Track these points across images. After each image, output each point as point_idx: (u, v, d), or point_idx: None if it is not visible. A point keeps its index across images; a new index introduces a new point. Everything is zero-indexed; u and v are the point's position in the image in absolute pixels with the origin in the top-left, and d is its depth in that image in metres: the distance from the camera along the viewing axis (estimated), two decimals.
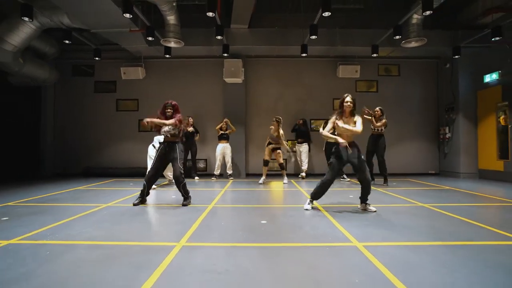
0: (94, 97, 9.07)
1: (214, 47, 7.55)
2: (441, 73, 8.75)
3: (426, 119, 8.97)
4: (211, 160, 8.64)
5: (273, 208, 4.20)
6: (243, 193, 5.59)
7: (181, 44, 6.24)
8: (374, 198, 4.92)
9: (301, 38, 7.29)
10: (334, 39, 7.59)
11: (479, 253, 2.39)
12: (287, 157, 8.21)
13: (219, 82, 8.61)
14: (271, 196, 5.36)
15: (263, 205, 4.40)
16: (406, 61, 8.95)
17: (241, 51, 8.03)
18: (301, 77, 8.95)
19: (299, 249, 2.53)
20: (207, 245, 2.63)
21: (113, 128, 8.99)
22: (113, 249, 2.51)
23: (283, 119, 8.83)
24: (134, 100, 9.07)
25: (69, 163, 8.92)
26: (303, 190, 5.82)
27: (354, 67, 8.39)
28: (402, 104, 8.92)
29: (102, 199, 4.83)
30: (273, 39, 7.59)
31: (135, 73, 8.43)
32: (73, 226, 3.22)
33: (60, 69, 8.95)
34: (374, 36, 7.40)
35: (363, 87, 9.04)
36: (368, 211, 3.89)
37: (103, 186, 6.38)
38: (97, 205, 4.30)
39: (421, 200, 4.65)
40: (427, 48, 7.56)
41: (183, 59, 8.78)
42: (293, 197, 5.26)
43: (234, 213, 3.89)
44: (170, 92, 8.90)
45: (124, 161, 8.70)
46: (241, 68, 7.86)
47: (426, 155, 8.95)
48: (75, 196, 5.16)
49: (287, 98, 8.93)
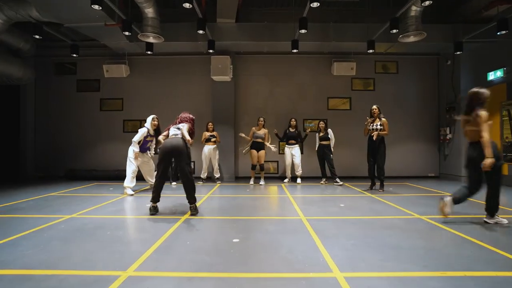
0: (77, 96, 8.64)
1: (199, 43, 7.11)
2: (442, 70, 8.28)
3: (426, 119, 8.51)
4: (198, 163, 8.21)
5: (253, 221, 3.76)
6: (226, 201, 5.16)
7: (160, 40, 5.79)
8: (365, 206, 4.49)
9: (292, 33, 6.83)
10: (328, 34, 7.13)
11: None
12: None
13: (206, 81, 8.16)
14: (256, 204, 4.93)
15: (243, 217, 3.97)
16: (404, 58, 8.48)
17: (229, 47, 7.58)
18: (293, 75, 8.49)
19: (266, 283, 2.09)
20: (158, 275, 2.19)
21: (97, 128, 8.57)
22: (43, 282, 2.09)
23: (273, 119, 8.42)
24: (118, 100, 8.63)
25: (51, 165, 8.51)
26: (291, 197, 5.38)
27: (349, 64, 7.93)
28: (400, 103, 8.47)
29: (70, 208, 4.41)
30: (262, 34, 7.14)
31: (118, 71, 7.99)
32: (17, 246, 2.79)
33: (40, 67, 8.53)
34: (370, 31, 6.94)
35: (359, 85, 8.58)
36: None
37: (80, 192, 5.96)
38: (59, 217, 3.88)
39: (419, 211, 4.20)
40: (427, 44, 7.09)
41: (168, 56, 8.35)
42: (279, 206, 4.82)
43: (207, 227, 3.46)
44: (155, 91, 8.47)
45: (108, 163, 8.27)
46: (230, 65, 7.41)
47: (426, 157, 8.49)
48: (43, 204, 4.74)
49: (277, 97, 8.48)
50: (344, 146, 8.08)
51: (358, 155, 8.26)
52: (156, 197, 3.99)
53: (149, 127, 5.67)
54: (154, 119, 5.77)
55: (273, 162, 8.49)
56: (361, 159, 8.25)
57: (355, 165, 8.22)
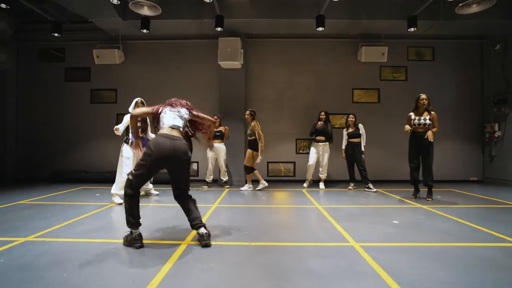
0: (65, 87, 7.56)
1: (205, 21, 5.97)
2: (487, 56, 7.08)
3: (467, 115, 7.29)
4: (202, 163, 7.08)
5: (284, 251, 2.62)
6: (239, 213, 4.01)
7: (157, 11, 4.65)
8: (427, 224, 3.28)
9: (315, 10, 5.68)
10: (358, 11, 5.97)
11: None
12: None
13: (212, 69, 7.04)
14: (280, 220, 3.78)
15: (268, 242, 2.82)
16: (441, 43, 7.28)
17: (239, 28, 6.44)
18: (313, 63, 7.32)
19: None
20: None
21: (88, 123, 7.47)
22: None
23: (290, 113, 7.28)
24: (111, 91, 7.53)
25: (36, 165, 7.43)
26: (321, 208, 4.23)
27: (380, 48, 6.76)
28: (436, 95, 7.18)
29: (30, 225, 3.28)
30: (280, 10, 5.97)
31: (111, 57, 6.90)
32: None
33: (23, 54, 7.46)
34: (408, 7, 5.77)
35: (389, 74, 7.40)
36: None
37: (58, 199, 4.85)
38: (9, 240, 2.77)
39: (507, 232, 3.04)
40: (478, 23, 5.92)
41: (168, 41, 7.24)
42: (313, 223, 3.64)
43: (221, 263, 2.32)
44: (153, 81, 7.35)
45: (99, 163, 7.17)
46: (240, 49, 6.29)
47: (466, 159, 7.28)
48: (4, 217, 3.64)
49: (295, 87, 7.32)
50: (373, 145, 6.86)
51: (387, 155, 7.12)
52: (137, 219, 2.61)
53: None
54: (138, 103, 4.46)
55: (289, 164, 7.34)
56: (391, 160, 7.11)
57: (384, 167, 7.06)
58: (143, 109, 2.93)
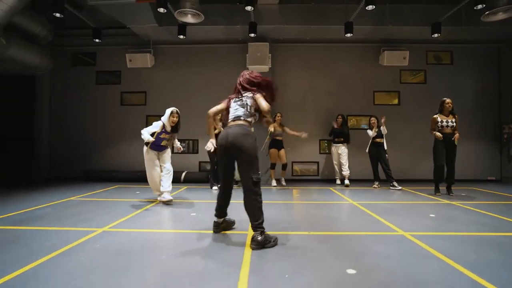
0: (96, 90, 7.89)
1: (236, 27, 6.28)
2: (505, 59, 7.32)
3: (485, 116, 7.54)
4: None
5: (347, 239, 2.87)
6: (282, 210, 4.24)
7: (200, 18, 4.97)
8: (461, 217, 3.54)
9: (343, 16, 5.97)
10: (383, 17, 6.25)
11: None
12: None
13: (240, 72, 7.24)
14: (326, 214, 4.03)
15: (331, 232, 3.09)
16: (460, 47, 7.54)
17: (268, 34, 6.74)
18: (336, 67, 7.60)
19: None
20: None
21: (118, 125, 7.79)
22: None
23: (312, 116, 7.59)
24: (141, 93, 7.85)
25: (68, 165, 7.76)
26: (357, 204, 4.49)
27: (401, 53, 7.04)
28: (455, 98, 7.38)
29: (100, 217, 3.58)
30: (309, 17, 6.27)
31: (143, 61, 7.22)
32: (40, 281, 1.97)
33: (57, 59, 7.79)
34: (432, 13, 6.05)
35: (409, 77, 7.67)
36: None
37: (104, 196, 5.15)
38: (92, 230, 3.06)
39: None
40: (497, 28, 6.17)
41: (197, 45, 7.54)
42: (356, 217, 3.88)
43: (286, 247, 2.60)
44: (181, 84, 7.67)
45: (130, 163, 7.48)
46: (268, 53, 6.59)
47: (485, 158, 7.52)
48: (64, 212, 3.94)
49: (317, 91, 7.60)
50: (394, 146, 7.11)
51: (407, 155, 7.38)
52: (219, 210, 2.92)
53: (165, 122, 4.38)
54: (173, 114, 4.33)
55: (313, 164, 7.61)
56: (412, 160, 7.37)
57: (405, 167, 7.31)
58: (218, 107, 2.95)
